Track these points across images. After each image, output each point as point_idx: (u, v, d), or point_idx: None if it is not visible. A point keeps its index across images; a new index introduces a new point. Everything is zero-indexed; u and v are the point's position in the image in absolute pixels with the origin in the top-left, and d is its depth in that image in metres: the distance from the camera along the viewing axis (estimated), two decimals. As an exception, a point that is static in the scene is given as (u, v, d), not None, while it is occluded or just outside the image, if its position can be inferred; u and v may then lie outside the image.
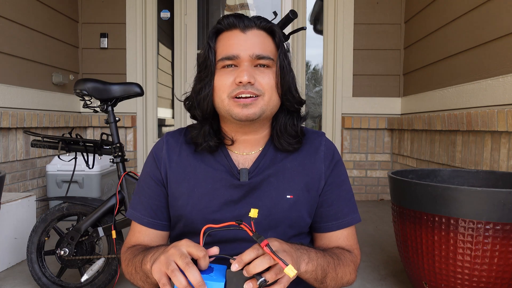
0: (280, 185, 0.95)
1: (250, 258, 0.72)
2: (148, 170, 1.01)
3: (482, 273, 1.42)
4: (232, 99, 0.90)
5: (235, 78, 0.89)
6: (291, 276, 0.69)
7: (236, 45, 0.90)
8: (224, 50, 0.91)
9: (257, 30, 0.93)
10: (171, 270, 0.70)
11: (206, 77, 0.93)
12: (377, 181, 3.88)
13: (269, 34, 0.94)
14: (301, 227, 0.98)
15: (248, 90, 0.88)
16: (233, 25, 0.92)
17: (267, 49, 0.92)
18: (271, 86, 0.91)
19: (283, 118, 0.98)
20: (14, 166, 2.82)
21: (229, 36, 0.92)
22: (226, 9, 4.44)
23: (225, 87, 0.91)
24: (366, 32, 3.78)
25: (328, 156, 1.01)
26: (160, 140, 1.04)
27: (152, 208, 0.99)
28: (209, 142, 0.95)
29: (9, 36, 2.77)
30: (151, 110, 3.93)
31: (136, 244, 0.99)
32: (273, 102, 0.93)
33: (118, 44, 3.81)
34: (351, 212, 1.01)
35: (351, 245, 1.01)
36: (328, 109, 3.88)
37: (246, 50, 0.90)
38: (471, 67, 2.52)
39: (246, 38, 0.91)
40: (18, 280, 1.98)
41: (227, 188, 0.94)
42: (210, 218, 0.93)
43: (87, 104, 1.78)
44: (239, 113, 0.90)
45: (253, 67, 0.91)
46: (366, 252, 2.36)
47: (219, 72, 0.92)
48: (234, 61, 0.90)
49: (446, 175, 1.94)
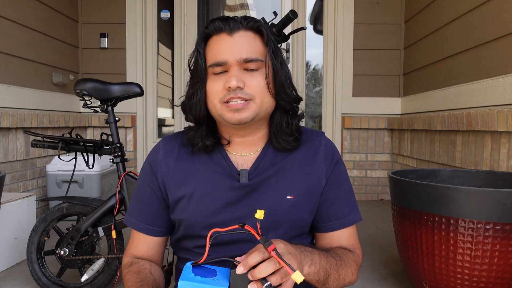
0: (280, 186, 0.95)
1: (255, 262, 0.71)
2: (145, 177, 1.01)
3: (482, 273, 1.42)
4: (224, 104, 0.90)
5: (224, 84, 0.89)
6: (298, 282, 0.69)
7: (224, 50, 0.90)
8: (213, 56, 0.91)
9: (244, 31, 0.91)
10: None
11: (198, 82, 0.93)
12: (377, 181, 3.88)
13: (257, 34, 0.93)
14: (302, 227, 0.98)
15: (238, 95, 0.88)
16: (219, 29, 0.91)
17: (254, 50, 0.91)
18: (262, 89, 0.91)
19: (279, 116, 0.97)
20: (14, 166, 2.82)
21: (216, 41, 0.92)
22: (226, 9, 4.44)
23: (216, 93, 0.91)
24: (366, 32, 3.78)
25: (328, 155, 1.00)
26: (156, 145, 1.03)
27: (148, 214, 1.00)
28: (205, 142, 0.95)
29: (9, 36, 2.77)
30: (151, 110, 3.93)
31: (137, 257, 1.00)
32: (266, 104, 0.92)
33: (118, 44, 3.81)
34: (351, 212, 1.01)
35: (353, 245, 1.01)
36: (328, 109, 3.88)
37: (234, 55, 0.89)
38: (471, 67, 2.52)
39: (233, 41, 0.90)
40: (18, 280, 1.98)
41: (227, 190, 0.94)
42: (211, 221, 0.93)
43: (87, 104, 1.78)
44: (231, 118, 0.90)
45: (242, 70, 0.90)
46: (366, 252, 2.36)
47: (211, 78, 0.92)
48: (223, 66, 0.90)
49: (446, 175, 1.94)
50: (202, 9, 4.29)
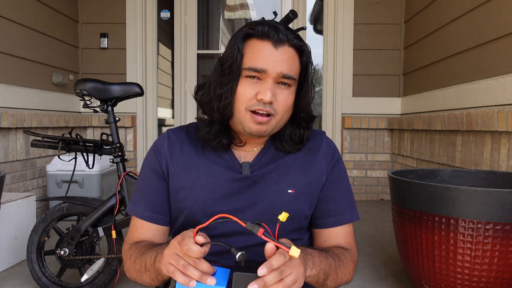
0: (281, 179, 0.96)
1: (278, 264, 0.71)
2: (149, 164, 1.01)
3: (482, 273, 1.42)
4: (249, 112, 0.89)
5: (257, 93, 0.88)
6: (296, 256, 0.69)
7: (266, 59, 0.88)
8: (252, 60, 0.89)
9: (288, 47, 0.90)
10: (183, 265, 0.73)
11: (229, 82, 0.90)
12: (377, 181, 3.88)
13: (297, 52, 0.92)
14: (301, 221, 0.99)
15: (267, 109, 0.88)
16: (266, 35, 0.89)
17: (293, 68, 0.91)
18: (287, 107, 0.92)
19: (290, 128, 0.98)
20: (14, 166, 2.82)
21: (260, 46, 0.89)
22: (226, 9, 4.44)
23: (245, 99, 0.89)
24: (366, 32, 3.78)
25: (329, 153, 1.02)
26: (162, 136, 1.04)
27: (153, 202, 0.99)
28: (222, 140, 0.95)
29: (9, 36, 2.77)
30: (151, 110, 3.93)
31: (140, 241, 0.99)
32: (283, 120, 0.94)
33: (118, 44, 3.81)
34: (350, 210, 1.02)
35: (350, 243, 1.02)
36: (328, 109, 3.88)
37: (275, 67, 0.88)
38: (471, 67, 2.52)
39: (276, 54, 0.89)
40: (18, 280, 1.98)
41: (228, 181, 0.95)
42: (212, 211, 0.93)
43: (87, 104, 1.78)
44: (252, 128, 0.90)
45: (275, 83, 0.90)
46: (366, 252, 2.36)
47: (242, 81, 0.90)
48: (261, 74, 0.88)
49: (446, 175, 1.94)
50: (202, 9, 4.29)
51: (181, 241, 0.74)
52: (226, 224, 0.88)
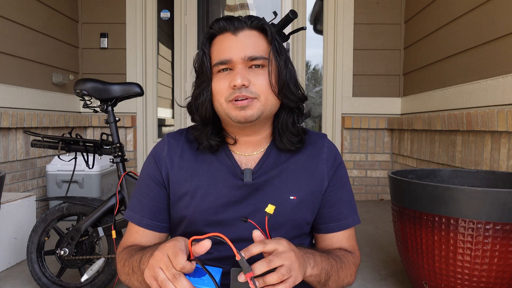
0: (283, 186, 0.95)
1: (257, 251, 0.74)
2: (148, 171, 1.00)
3: (482, 273, 1.42)
4: (230, 103, 0.90)
5: (230, 82, 0.89)
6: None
7: (228, 49, 0.90)
8: (218, 55, 0.92)
9: (248, 30, 0.92)
10: (161, 280, 0.70)
11: (203, 82, 0.93)
12: (377, 181, 3.88)
13: (261, 33, 0.94)
14: (303, 227, 0.98)
15: (243, 94, 0.88)
16: (224, 28, 0.92)
17: (259, 48, 0.91)
18: (266, 87, 0.91)
19: (285, 116, 0.98)
20: (14, 166, 2.82)
21: (221, 40, 0.92)
22: (226, 9, 4.44)
23: (222, 92, 0.91)
24: (366, 32, 3.78)
25: (331, 158, 1.01)
26: (161, 141, 1.03)
27: (151, 209, 0.98)
28: (210, 141, 0.95)
29: (9, 36, 2.77)
30: (151, 110, 3.93)
31: (132, 244, 0.98)
32: (270, 102, 0.92)
33: (118, 44, 3.81)
34: (351, 214, 1.02)
35: (353, 246, 1.02)
36: (328, 109, 3.88)
37: (238, 53, 0.89)
38: (471, 67, 2.52)
39: (237, 40, 0.91)
40: (18, 280, 1.98)
41: (230, 189, 0.94)
42: (214, 219, 0.93)
43: (87, 104, 1.78)
44: (238, 115, 0.90)
45: (247, 68, 0.90)
46: (366, 252, 2.36)
47: (216, 77, 0.92)
48: (228, 65, 0.90)
49: (446, 175, 1.94)
50: (202, 9, 4.29)
51: (173, 258, 0.71)
52: (223, 247, 0.87)
